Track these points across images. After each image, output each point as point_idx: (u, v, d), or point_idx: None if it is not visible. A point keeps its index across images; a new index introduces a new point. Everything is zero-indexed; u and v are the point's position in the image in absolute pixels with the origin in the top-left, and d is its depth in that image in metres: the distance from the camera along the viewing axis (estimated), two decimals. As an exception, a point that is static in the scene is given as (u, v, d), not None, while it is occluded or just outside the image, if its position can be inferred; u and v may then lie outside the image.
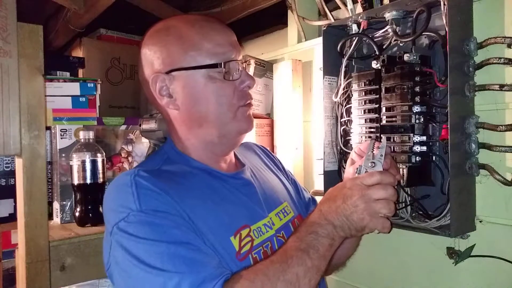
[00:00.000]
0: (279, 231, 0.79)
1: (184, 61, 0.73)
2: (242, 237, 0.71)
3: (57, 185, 1.30)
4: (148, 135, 1.31)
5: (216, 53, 0.73)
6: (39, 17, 2.13)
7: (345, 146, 1.12)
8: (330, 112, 1.16)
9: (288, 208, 0.85)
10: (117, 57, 2.03)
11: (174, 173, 0.75)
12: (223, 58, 0.74)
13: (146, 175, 0.69)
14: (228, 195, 0.76)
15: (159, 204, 0.66)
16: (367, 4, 1.07)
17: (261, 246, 0.73)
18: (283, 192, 0.90)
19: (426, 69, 0.94)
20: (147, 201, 0.66)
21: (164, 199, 0.67)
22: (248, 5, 1.75)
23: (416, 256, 1.07)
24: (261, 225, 0.76)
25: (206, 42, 0.74)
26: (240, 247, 0.70)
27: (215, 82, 0.73)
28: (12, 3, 1.02)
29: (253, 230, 0.73)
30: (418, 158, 0.94)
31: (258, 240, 0.73)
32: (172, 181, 0.72)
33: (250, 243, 0.71)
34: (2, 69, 1.01)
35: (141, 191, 0.67)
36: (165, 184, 0.69)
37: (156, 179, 0.69)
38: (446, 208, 0.90)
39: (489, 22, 0.92)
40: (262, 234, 0.75)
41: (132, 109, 2.04)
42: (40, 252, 1.05)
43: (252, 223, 0.74)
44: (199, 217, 0.69)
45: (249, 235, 0.72)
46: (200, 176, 0.76)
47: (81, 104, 1.42)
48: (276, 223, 0.80)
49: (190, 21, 0.76)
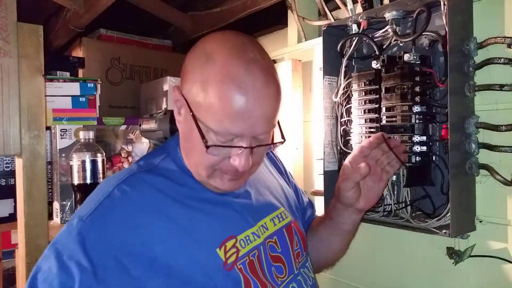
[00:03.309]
0: (272, 236, 0.79)
1: (194, 107, 0.67)
2: (227, 248, 0.70)
3: (57, 185, 1.30)
4: (148, 135, 1.32)
5: (224, 133, 0.65)
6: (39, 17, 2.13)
7: (345, 146, 1.12)
8: (330, 112, 1.16)
9: (284, 213, 0.85)
10: (117, 57, 2.03)
11: (168, 176, 0.74)
12: (228, 137, 0.66)
13: (124, 191, 0.68)
14: (217, 205, 0.75)
15: None
16: (367, 4, 1.07)
17: (247, 256, 0.72)
18: (282, 196, 0.90)
19: (426, 69, 0.94)
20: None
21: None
22: (248, 5, 1.75)
23: (416, 256, 1.07)
24: (250, 233, 0.75)
25: (226, 118, 0.63)
26: (225, 258, 0.70)
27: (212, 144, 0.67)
28: (12, 3, 1.02)
29: (239, 240, 0.73)
30: (418, 158, 0.94)
31: (244, 250, 0.72)
32: (164, 187, 0.71)
33: (235, 254, 0.71)
34: (2, 69, 1.01)
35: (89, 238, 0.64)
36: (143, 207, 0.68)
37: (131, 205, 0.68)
38: (446, 208, 0.90)
39: (489, 22, 0.92)
40: (249, 243, 0.74)
41: (132, 109, 2.04)
42: (40, 252, 1.04)
43: (239, 233, 0.74)
44: (181, 232, 0.68)
45: (234, 246, 0.71)
46: (188, 187, 0.74)
47: (81, 104, 1.42)
48: (270, 228, 0.79)
49: (230, 74, 0.63)
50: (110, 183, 0.71)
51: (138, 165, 0.76)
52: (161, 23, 2.19)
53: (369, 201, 0.87)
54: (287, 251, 0.80)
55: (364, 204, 0.87)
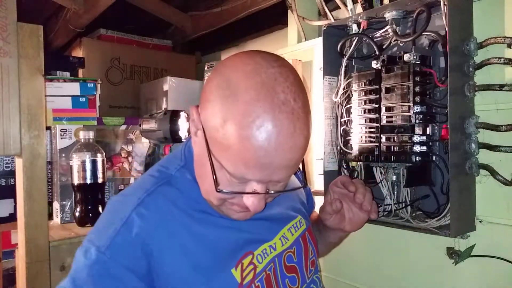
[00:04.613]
0: (292, 246, 0.77)
1: (210, 139, 0.61)
2: (244, 266, 0.67)
3: (57, 185, 1.30)
4: (148, 135, 1.32)
5: (238, 176, 0.60)
6: (39, 17, 2.13)
7: (345, 146, 1.12)
8: (330, 112, 1.16)
9: (301, 221, 0.82)
10: (117, 57, 2.03)
11: (184, 189, 0.70)
12: (243, 180, 0.61)
13: (143, 215, 0.65)
14: (231, 221, 0.70)
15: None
16: (367, 4, 1.07)
17: (264, 272, 0.70)
18: (298, 203, 0.87)
19: (426, 69, 0.94)
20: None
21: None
22: (248, 5, 1.76)
23: (416, 256, 1.07)
24: (267, 247, 0.72)
25: (242, 164, 0.58)
26: (242, 278, 0.67)
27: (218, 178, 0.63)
28: (12, 3, 1.02)
29: (256, 256, 0.70)
30: (418, 158, 0.93)
31: (261, 266, 0.70)
32: (180, 203, 0.68)
33: (252, 272, 0.68)
34: (2, 69, 1.01)
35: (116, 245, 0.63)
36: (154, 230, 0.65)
37: (150, 221, 0.65)
38: (446, 208, 0.90)
39: (489, 22, 0.92)
40: (266, 257, 0.71)
41: (132, 109, 2.05)
42: (40, 252, 1.05)
43: (256, 248, 0.71)
44: (194, 253, 0.66)
45: (251, 263, 0.68)
46: (206, 202, 0.70)
47: (81, 104, 1.42)
48: (289, 238, 0.77)
49: (255, 120, 0.56)
50: (126, 204, 0.67)
51: (153, 178, 0.71)
52: (161, 23, 2.19)
53: (355, 225, 0.85)
54: (301, 261, 0.78)
55: (350, 228, 0.85)
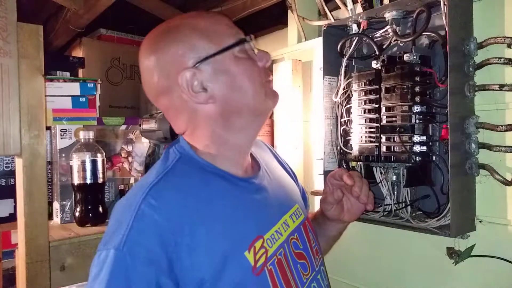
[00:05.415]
0: (293, 233, 0.78)
1: (210, 48, 0.71)
2: (256, 250, 0.69)
3: (57, 185, 1.30)
4: (148, 135, 1.32)
5: (232, 34, 0.73)
6: (39, 17, 2.13)
7: (345, 146, 1.12)
8: (330, 112, 1.16)
9: (299, 210, 0.84)
10: (117, 57, 2.03)
11: (189, 176, 0.71)
12: (239, 37, 0.74)
13: (153, 206, 0.64)
14: (241, 204, 0.73)
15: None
16: (367, 4, 1.07)
17: (275, 256, 0.71)
18: (295, 193, 0.89)
19: (426, 69, 0.95)
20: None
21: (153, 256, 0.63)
22: (248, 5, 1.76)
23: (416, 256, 1.07)
24: (274, 232, 0.74)
25: (221, 27, 0.73)
26: (255, 261, 0.68)
27: (243, 62, 0.72)
28: (12, 3, 1.02)
29: (266, 240, 0.71)
30: (418, 158, 0.94)
31: (271, 250, 0.71)
32: (188, 188, 0.69)
33: (264, 255, 0.69)
34: (2, 69, 1.01)
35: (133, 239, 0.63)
36: (170, 219, 0.65)
37: (164, 209, 0.65)
38: (446, 208, 0.90)
39: (489, 22, 0.92)
40: (275, 242, 0.73)
41: (132, 109, 2.05)
42: (40, 252, 1.05)
43: (265, 232, 0.72)
44: (208, 239, 0.66)
45: (263, 246, 0.70)
46: (213, 185, 0.72)
47: (81, 104, 1.42)
48: (290, 225, 0.78)
49: (192, 15, 0.75)
50: (132, 201, 0.66)
51: (152, 173, 0.72)
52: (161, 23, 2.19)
53: (353, 215, 0.88)
54: (307, 248, 0.80)
55: (349, 217, 0.88)
